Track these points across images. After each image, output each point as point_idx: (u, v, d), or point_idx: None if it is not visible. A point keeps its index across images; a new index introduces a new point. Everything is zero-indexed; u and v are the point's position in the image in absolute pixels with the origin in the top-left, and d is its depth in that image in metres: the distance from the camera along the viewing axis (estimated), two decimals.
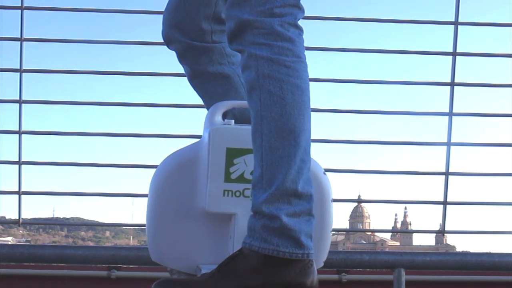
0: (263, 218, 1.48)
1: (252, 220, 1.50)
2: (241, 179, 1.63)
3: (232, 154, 1.63)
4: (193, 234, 1.64)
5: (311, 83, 1.68)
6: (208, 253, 1.65)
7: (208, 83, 1.79)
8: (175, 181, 1.65)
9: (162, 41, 1.83)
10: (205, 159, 1.63)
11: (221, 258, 1.57)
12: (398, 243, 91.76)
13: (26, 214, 3.10)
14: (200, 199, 1.64)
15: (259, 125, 1.53)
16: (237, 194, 1.63)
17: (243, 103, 1.69)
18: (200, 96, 1.83)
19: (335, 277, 2.75)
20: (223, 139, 1.63)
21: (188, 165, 1.66)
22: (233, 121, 1.67)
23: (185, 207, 1.65)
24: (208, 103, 1.79)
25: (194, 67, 1.80)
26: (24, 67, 2.96)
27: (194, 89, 1.84)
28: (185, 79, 1.84)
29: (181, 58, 1.81)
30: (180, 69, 1.85)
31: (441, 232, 3.10)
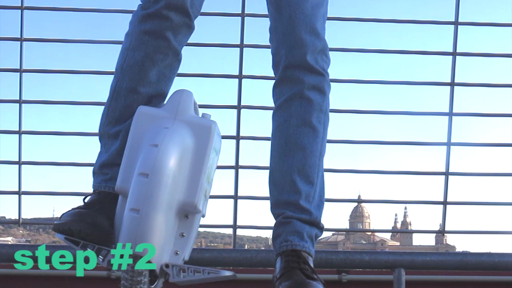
0: (317, 230, 1.77)
1: (307, 228, 1.74)
2: (208, 179, 1.60)
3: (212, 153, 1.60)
4: (163, 228, 1.51)
5: None
6: (163, 251, 1.53)
7: (166, 61, 1.74)
8: (175, 168, 1.51)
9: None
10: (194, 151, 1.55)
11: (168, 257, 1.53)
12: (398, 243, 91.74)
13: (26, 214, 3.11)
14: (180, 193, 1.53)
15: (320, 145, 1.79)
16: (206, 194, 1.60)
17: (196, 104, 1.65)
18: (140, 62, 1.73)
19: (335, 277, 2.75)
20: (217, 136, 1.61)
21: (186, 155, 1.55)
22: (210, 115, 1.63)
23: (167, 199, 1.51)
24: (152, 74, 1.72)
25: (171, 44, 1.73)
26: (24, 67, 2.97)
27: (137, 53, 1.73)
28: (185, 79, 1.83)
29: (166, 31, 1.72)
30: (181, 69, 1.83)
31: (441, 232, 3.10)
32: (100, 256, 1.56)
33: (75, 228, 1.57)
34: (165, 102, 1.69)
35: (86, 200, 1.69)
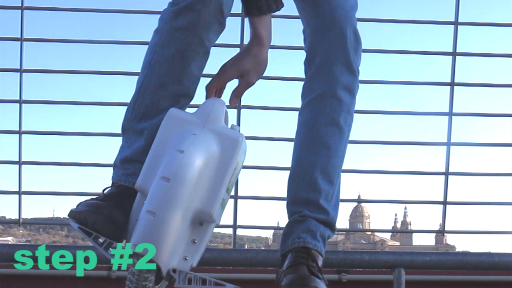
0: (330, 231, 1.77)
1: (322, 228, 1.74)
2: (228, 190, 1.58)
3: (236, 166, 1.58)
4: (177, 233, 1.50)
5: None
6: (173, 255, 1.53)
7: (196, 59, 1.70)
8: (197, 176, 1.49)
9: None
10: (218, 162, 1.54)
11: (176, 262, 1.52)
12: (398, 243, 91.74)
13: (26, 214, 3.11)
14: (198, 201, 1.52)
15: (344, 146, 1.78)
16: (223, 204, 1.58)
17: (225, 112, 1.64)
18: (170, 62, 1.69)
19: (335, 277, 2.75)
20: (242, 151, 1.59)
21: (209, 164, 1.53)
22: (239, 127, 1.62)
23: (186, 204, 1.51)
24: (182, 74, 1.69)
25: (202, 42, 1.69)
26: (24, 67, 2.97)
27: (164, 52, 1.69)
28: None
29: (198, 28, 1.67)
30: None
31: (441, 232, 3.10)
32: (110, 249, 1.56)
33: (90, 219, 1.56)
34: (196, 108, 1.66)
35: (105, 192, 1.67)
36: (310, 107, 1.80)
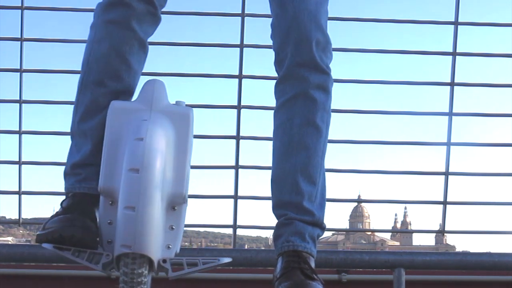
0: (319, 230, 1.75)
1: (309, 229, 1.72)
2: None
3: None
4: (159, 223, 1.46)
5: None
6: (159, 246, 1.49)
7: (132, 52, 1.70)
8: (163, 160, 1.47)
9: (162, 40, 1.80)
10: (176, 140, 1.53)
11: (160, 253, 1.49)
12: (398, 243, 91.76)
13: (26, 214, 3.11)
14: (168, 185, 1.49)
15: (323, 145, 1.77)
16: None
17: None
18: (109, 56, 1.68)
19: (335, 277, 2.75)
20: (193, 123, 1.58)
21: (169, 145, 1.51)
22: (184, 102, 1.60)
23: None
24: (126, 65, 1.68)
25: (137, 34, 1.70)
26: (24, 67, 2.97)
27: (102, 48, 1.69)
28: (184, 79, 1.82)
29: (131, 20, 1.68)
30: (181, 69, 1.83)
31: (441, 232, 3.10)
32: (86, 260, 1.50)
33: (67, 233, 1.50)
34: (137, 95, 1.63)
35: (63, 205, 1.62)
36: (284, 109, 1.79)
